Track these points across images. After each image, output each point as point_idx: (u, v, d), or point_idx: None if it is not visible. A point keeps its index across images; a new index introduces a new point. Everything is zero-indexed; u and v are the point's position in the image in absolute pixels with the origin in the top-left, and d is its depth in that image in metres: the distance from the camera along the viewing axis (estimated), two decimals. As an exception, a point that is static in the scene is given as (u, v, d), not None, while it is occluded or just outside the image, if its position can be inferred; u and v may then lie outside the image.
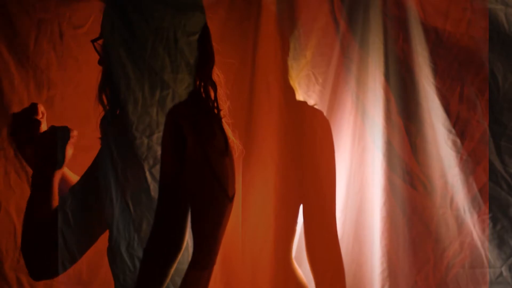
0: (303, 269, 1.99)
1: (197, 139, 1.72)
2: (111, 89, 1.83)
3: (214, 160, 1.75)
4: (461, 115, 2.00)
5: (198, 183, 1.74)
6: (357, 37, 2.03)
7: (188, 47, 1.80)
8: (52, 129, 1.91)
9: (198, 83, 1.81)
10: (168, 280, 1.73)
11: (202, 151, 1.73)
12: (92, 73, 1.92)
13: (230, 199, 1.79)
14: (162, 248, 1.71)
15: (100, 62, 1.85)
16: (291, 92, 2.01)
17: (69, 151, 1.90)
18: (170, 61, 1.78)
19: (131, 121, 1.78)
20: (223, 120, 1.82)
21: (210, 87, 1.81)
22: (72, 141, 1.90)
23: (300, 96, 2.03)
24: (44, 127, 1.93)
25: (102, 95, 1.84)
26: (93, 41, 1.84)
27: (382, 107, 2.02)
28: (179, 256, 1.75)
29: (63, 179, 1.95)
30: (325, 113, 2.02)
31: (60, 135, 1.90)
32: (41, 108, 1.94)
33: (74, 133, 1.90)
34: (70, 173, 1.97)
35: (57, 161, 1.88)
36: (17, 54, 2.08)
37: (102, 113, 1.86)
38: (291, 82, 2.01)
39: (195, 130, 1.73)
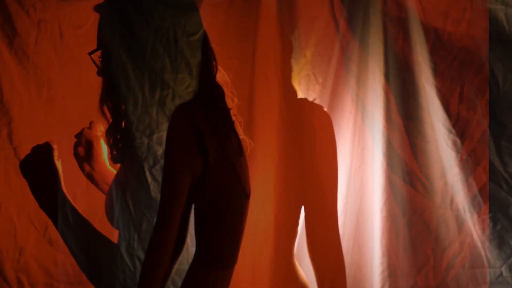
0: (303, 268, 1.99)
1: (216, 139, 1.72)
2: (113, 101, 1.83)
3: (233, 159, 1.75)
4: (461, 115, 2.00)
5: (220, 184, 1.74)
6: (357, 36, 2.02)
7: (188, 47, 1.79)
8: (34, 149, 1.93)
9: (204, 86, 1.80)
10: (170, 277, 1.73)
11: (222, 151, 1.73)
12: (92, 73, 1.92)
13: (248, 196, 1.79)
14: (164, 245, 1.70)
15: (99, 73, 1.85)
16: (291, 92, 2.01)
17: (58, 163, 1.91)
18: (170, 61, 1.78)
19: (131, 121, 1.78)
20: (233, 118, 1.82)
21: (217, 90, 1.80)
22: (55, 153, 1.91)
23: (300, 96, 2.03)
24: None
25: (103, 107, 1.84)
26: (90, 53, 1.84)
27: (382, 106, 2.02)
28: (182, 252, 1.75)
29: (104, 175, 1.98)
30: (325, 113, 2.03)
31: (43, 152, 1.91)
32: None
33: (55, 145, 1.93)
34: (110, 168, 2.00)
35: (52, 179, 1.89)
36: (17, 54, 2.08)
37: (106, 125, 1.86)
38: (293, 82, 2.01)
39: (212, 131, 1.72)
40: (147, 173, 1.79)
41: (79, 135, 1.98)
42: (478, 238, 1.98)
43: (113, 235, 1.86)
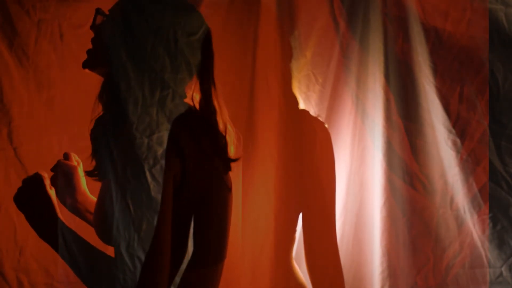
0: (302, 270, 1.99)
1: (192, 141, 1.74)
2: (111, 91, 1.82)
3: (212, 158, 1.76)
4: (461, 115, 2.00)
5: (202, 183, 1.75)
6: (357, 37, 2.03)
7: (188, 47, 1.79)
8: (25, 182, 1.92)
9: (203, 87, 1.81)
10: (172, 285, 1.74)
11: (199, 152, 1.74)
12: (92, 73, 1.92)
13: (229, 189, 1.80)
14: (164, 259, 1.71)
15: (93, 27, 1.83)
16: (291, 95, 2.01)
17: (51, 192, 1.91)
18: (170, 61, 1.78)
19: (131, 121, 1.78)
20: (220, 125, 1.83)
21: (212, 91, 1.81)
22: (47, 182, 1.90)
23: (300, 96, 2.03)
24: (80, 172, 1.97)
25: (103, 95, 1.83)
26: (98, 11, 1.83)
27: (382, 107, 2.02)
28: (183, 260, 1.76)
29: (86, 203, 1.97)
30: (325, 113, 2.03)
31: (34, 183, 1.90)
32: (75, 157, 1.97)
33: (45, 174, 1.91)
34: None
35: (48, 209, 1.88)
36: (17, 54, 2.08)
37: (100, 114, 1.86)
38: (293, 84, 2.01)
39: (189, 134, 1.74)
40: (147, 173, 1.79)
41: (55, 168, 1.97)
42: (478, 238, 1.98)
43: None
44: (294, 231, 1.97)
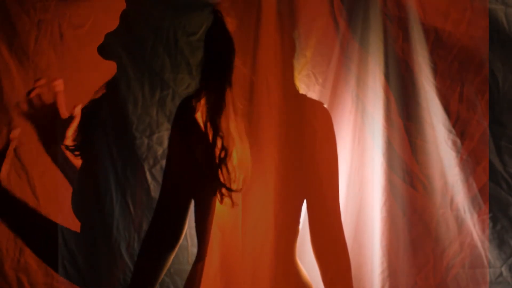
0: (304, 266, 1.99)
1: (183, 134, 1.73)
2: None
3: (198, 154, 1.75)
4: (461, 115, 2.00)
5: (181, 169, 1.75)
6: (357, 36, 2.03)
7: (188, 47, 1.80)
8: None
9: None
10: (166, 267, 1.73)
11: (187, 147, 1.74)
12: (92, 73, 1.92)
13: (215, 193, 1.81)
14: (162, 234, 1.71)
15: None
16: (292, 91, 2.01)
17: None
18: (170, 61, 1.78)
19: (131, 121, 1.78)
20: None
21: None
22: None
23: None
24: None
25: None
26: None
27: (382, 106, 2.02)
28: (178, 243, 1.75)
29: None
30: (325, 113, 2.03)
31: None
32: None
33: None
34: None
35: None
36: (17, 54, 2.08)
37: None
38: (295, 81, 2.01)
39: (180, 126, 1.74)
40: (147, 173, 1.80)
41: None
42: (478, 238, 1.99)
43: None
44: (298, 222, 1.96)
